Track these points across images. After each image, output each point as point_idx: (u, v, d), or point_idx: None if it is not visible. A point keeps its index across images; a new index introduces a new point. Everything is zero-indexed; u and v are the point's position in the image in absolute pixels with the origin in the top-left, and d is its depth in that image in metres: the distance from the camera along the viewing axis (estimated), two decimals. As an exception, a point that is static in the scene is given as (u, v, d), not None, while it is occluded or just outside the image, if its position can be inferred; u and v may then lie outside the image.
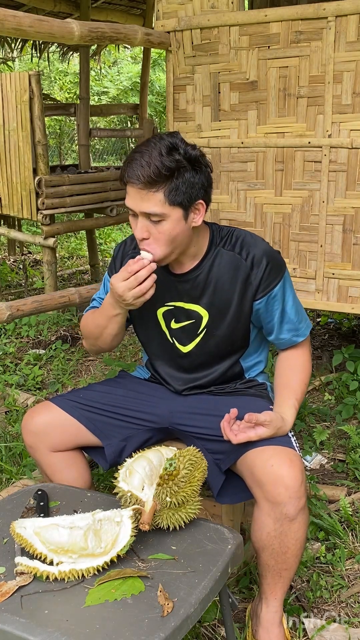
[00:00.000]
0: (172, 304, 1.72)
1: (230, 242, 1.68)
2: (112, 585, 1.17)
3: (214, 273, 1.67)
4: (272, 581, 1.57)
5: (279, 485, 1.45)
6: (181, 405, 1.77)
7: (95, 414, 1.73)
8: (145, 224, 1.53)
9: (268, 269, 1.65)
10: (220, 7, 2.96)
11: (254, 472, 1.51)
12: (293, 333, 1.71)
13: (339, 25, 2.67)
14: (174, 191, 1.49)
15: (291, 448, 1.54)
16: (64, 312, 4.50)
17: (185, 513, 1.35)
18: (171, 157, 1.48)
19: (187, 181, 1.50)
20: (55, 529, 1.25)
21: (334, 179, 2.81)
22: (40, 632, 1.06)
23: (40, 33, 2.44)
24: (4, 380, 3.39)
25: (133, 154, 1.51)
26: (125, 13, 6.94)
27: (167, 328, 1.75)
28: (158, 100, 14.43)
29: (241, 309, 1.68)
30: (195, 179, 1.53)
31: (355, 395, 3.04)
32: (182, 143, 1.53)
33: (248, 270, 1.64)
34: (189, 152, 1.52)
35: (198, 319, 1.71)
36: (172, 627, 1.08)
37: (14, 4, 5.86)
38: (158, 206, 1.49)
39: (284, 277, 1.68)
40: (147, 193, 1.48)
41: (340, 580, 1.94)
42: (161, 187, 1.48)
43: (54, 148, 14.26)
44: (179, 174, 1.49)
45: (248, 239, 1.68)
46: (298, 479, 1.46)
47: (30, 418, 1.72)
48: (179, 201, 1.51)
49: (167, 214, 1.51)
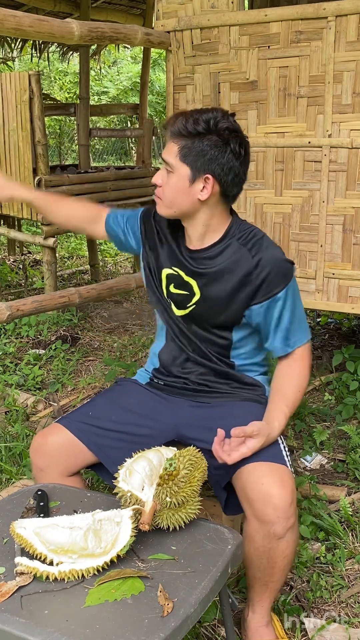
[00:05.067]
0: (176, 270, 1.78)
1: (245, 238, 1.70)
2: (112, 586, 1.17)
3: (219, 260, 1.70)
4: (260, 591, 1.60)
5: (267, 505, 1.45)
6: (184, 418, 1.76)
7: (103, 438, 1.70)
8: (163, 172, 1.66)
9: (272, 275, 1.65)
10: (220, 7, 2.96)
11: (245, 489, 1.51)
12: (284, 343, 1.69)
13: (339, 25, 2.67)
14: (186, 149, 1.59)
15: (283, 465, 1.54)
16: (64, 312, 4.50)
17: (185, 513, 1.34)
18: (205, 125, 1.58)
19: (204, 149, 1.59)
20: (55, 529, 1.25)
21: (334, 179, 2.81)
22: (40, 632, 1.06)
23: (40, 33, 2.44)
24: (4, 380, 3.39)
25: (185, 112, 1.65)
26: (125, 13, 6.94)
27: (166, 289, 1.81)
28: (158, 100, 14.44)
29: (231, 303, 1.69)
30: (210, 151, 1.59)
31: (355, 395, 3.04)
32: (225, 120, 1.60)
33: (251, 269, 1.65)
34: (224, 130, 1.59)
35: (190, 294, 1.75)
36: (172, 627, 1.08)
37: (14, 4, 5.86)
38: (171, 156, 1.62)
39: (288, 286, 1.67)
40: (171, 142, 1.62)
41: (340, 581, 1.94)
42: (182, 141, 1.60)
43: (54, 148, 14.26)
44: (201, 141, 1.58)
45: (264, 241, 1.70)
46: (287, 499, 1.45)
47: (42, 440, 1.69)
48: (190, 161, 1.60)
49: (176, 166, 1.62)
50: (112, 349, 4.05)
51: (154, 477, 1.36)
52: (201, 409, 1.78)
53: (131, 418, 1.76)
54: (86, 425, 1.71)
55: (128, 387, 1.90)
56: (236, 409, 1.73)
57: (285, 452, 1.61)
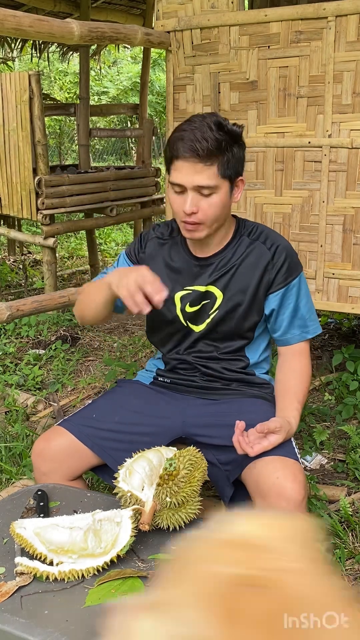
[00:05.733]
0: (191, 289, 1.75)
1: (254, 232, 1.73)
2: (112, 586, 1.17)
3: (236, 259, 1.71)
4: None
5: (281, 498, 1.46)
6: (192, 415, 1.75)
7: (107, 440, 1.69)
8: (196, 198, 1.56)
9: (288, 262, 1.69)
10: (220, 7, 2.96)
11: (259, 483, 1.51)
12: (302, 329, 1.74)
13: (339, 25, 2.67)
14: (226, 164, 1.55)
15: (296, 460, 1.55)
16: (64, 312, 4.50)
17: (185, 513, 1.34)
18: (221, 132, 1.53)
19: (235, 155, 1.57)
20: (55, 529, 1.25)
21: (334, 179, 2.82)
22: (40, 632, 1.06)
23: (40, 33, 2.44)
24: (4, 380, 3.39)
25: (181, 132, 1.54)
26: (125, 13, 6.94)
27: (182, 311, 1.77)
28: (158, 100, 14.44)
29: (255, 297, 1.71)
30: (240, 154, 1.60)
31: (355, 395, 3.04)
32: (225, 121, 1.58)
33: (269, 259, 1.69)
34: (234, 129, 1.58)
35: (212, 299, 1.74)
36: (172, 627, 1.07)
37: (14, 4, 5.86)
38: (212, 178, 1.54)
39: (301, 275, 1.73)
40: (202, 166, 1.52)
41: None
42: (216, 160, 1.53)
43: (54, 148, 14.26)
44: (230, 148, 1.55)
45: (272, 232, 1.75)
46: (300, 494, 1.47)
47: (45, 444, 1.67)
48: (229, 174, 1.57)
49: (219, 186, 1.56)
50: (112, 349, 4.05)
51: (154, 477, 1.36)
52: (209, 406, 1.77)
53: (135, 418, 1.75)
54: (90, 428, 1.69)
55: (131, 387, 1.88)
56: (245, 405, 1.73)
57: (296, 449, 1.62)
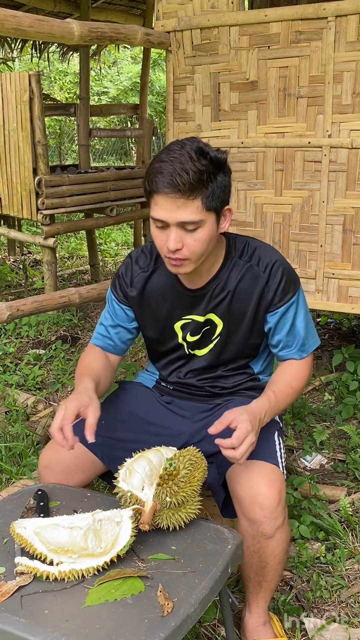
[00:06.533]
0: (189, 317, 1.69)
1: (247, 253, 1.64)
2: (112, 585, 1.17)
3: (231, 284, 1.63)
4: (254, 591, 1.60)
5: (254, 504, 1.45)
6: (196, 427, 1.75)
7: (115, 449, 1.67)
8: (179, 234, 1.45)
9: (284, 281, 1.62)
10: (220, 7, 2.96)
11: (235, 488, 1.51)
12: (300, 348, 1.68)
13: (339, 25, 2.67)
14: (211, 196, 1.43)
15: (274, 464, 1.53)
16: (64, 312, 4.50)
17: (185, 513, 1.34)
18: (204, 161, 1.41)
19: (220, 185, 1.46)
20: (55, 529, 1.25)
21: (334, 179, 2.81)
22: (40, 632, 1.06)
23: (40, 33, 2.44)
24: (4, 380, 3.39)
25: (160, 163, 1.42)
26: (125, 13, 6.94)
27: (184, 340, 1.72)
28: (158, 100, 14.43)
29: (255, 320, 1.66)
30: (225, 182, 1.48)
31: (355, 395, 3.04)
32: (207, 146, 1.47)
33: (265, 282, 1.61)
34: (218, 156, 1.46)
35: (213, 327, 1.69)
36: (172, 627, 1.08)
37: (14, 4, 5.86)
38: (196, 213, 1.43)
39: (299, 292, 1.66)
40: (185, 201, 1.40)
41: (340, 580, 1.94)
42: (199, 193, 1.41)
43: (54, 148, 14.26)
44: (214, 178, 1.44)
45: (264, 250, 1.65)
46: (275, 499, 1.45)
47: (54, 456, 1.62)
48: (214, 206, 1.46)
49: (204, 220, 1.45)
50: (112, 349, 4.04)
51: (154, 477, 1.36)
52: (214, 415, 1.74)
53: (142, 427, 1.74)
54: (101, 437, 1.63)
55: (135, 392, 1.85)
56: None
57: (280, 452, 1.60)
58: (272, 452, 1.57)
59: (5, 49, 7.94)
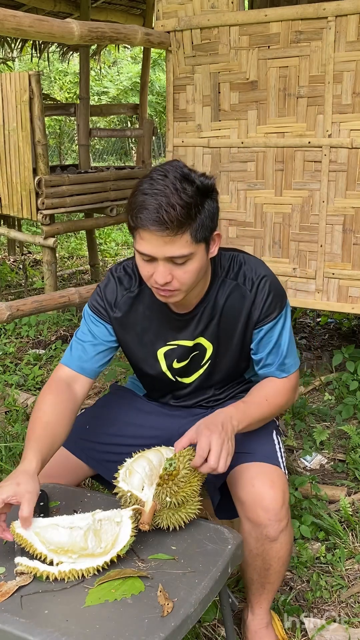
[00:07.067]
0: (175, 343, 1.62)
1: (233, 271, 1.57)
2: (112, 586, 1.17)
3: (219, 304, 1.57)
4: (257, 592, 1.59)
5: (258, 507, 1.44)
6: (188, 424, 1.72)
7: (103, 453, 1.67)
8: (167, 268, 1.37)
9: (270, 298, 1.55)
10: (220, 7, 2.96)
11: (237, 489, 1.50)
12: (277, 367, 1.60)
13: (339, 25, 2.67)
14: (200, 228, 1.36)
15: (276, 465, 1.51)
16: (64, 312, 4.50)
17: (185, 513, 1.34)
18: (188, 192, 1.32)
19: (209, 214, 1.38)
20: (55, 529, 1.25)
21: (334, 179, 2.82)
22: (40, 632, 1.06)
23: (40, 33, 2.44)
24: (4, 380, 3.39)
25: (143, 197, 1.32)
26: (125, 13, 6.95)
27: (169, 368, 1.65)
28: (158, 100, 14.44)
29: (244, 339, 1.60)
30: (213, 208, 1.40)
31: (355, 395, 3.04)
32: (193, 172, 1.37)
33: (252, 300, 1.55)
34: (204, 182, 1.37)
35: (202, 351, 1.63)
36: (172, 627, 1.08)
37: (14, 4, 5.86)
38: (185, 247, 1.35)
39: (285, 308, 1.59)
40: (173, 237, 1.32)
41: (340, 580, 1.94)
42: (187, 227, 1.33)
43: (54, 148, 14.27)
44: (202, 209, 1.35)
45: (251, 266, 1.58)
46: (278, 501, 1.44)
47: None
48: (204, 237, 1.39)
49: (194, 252, 1.37)
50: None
51: (154, 477, 1.36)
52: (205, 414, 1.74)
53: (130, 430, 1.73)
54: (84, 441, 1.67)
55: (125, 396, 1.83)
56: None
57: (280, 452, 1.59)
58: (272, 452, 1.56)
59: (5, 49, 7.94)
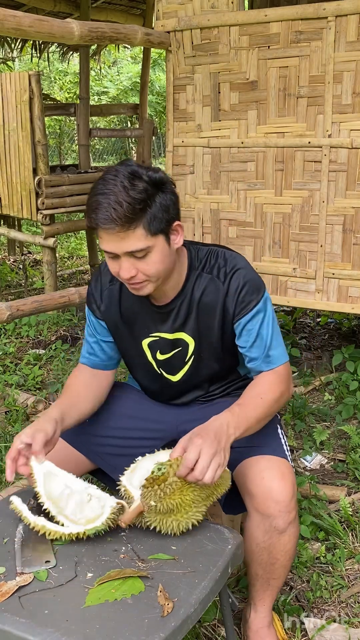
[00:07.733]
0: (157, 335, 1.65)
1: (209, 264, 1.60)
2: (112, 585, 1.18)
3: (195, 298, 1.60)
4: (261, 589, 1.59)
5: (268, 499, 1.45)
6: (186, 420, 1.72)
7: (103, 446, 1.68)
8: (130, 263, 1.44)
9: (245, 290, 1.56)
10: (220, 7, 2.96)
11: (246, 482, 1.51)
12: (263, 360, 1.58)
13: (339, 25, 2.67)
14: (153, 221, 1.40)
15: (284, 458, 1.53)
16: (64, 312, 4.50)
17: (176, 521, 1.30)
18: (137, 188, 1.37)
19: (162, 206, 1.42)
20: (55, 479, 1.35)
21: (334, 179, 2.82)
22: (40, 632, 1.06)
23: (40, 33, 2.44)
24: (4, 380, 3.39)
25: (95, 197, 1.39)
26: (125, 13, 6.95)
27: (154, 359, 1.68)
28: (158, 100, 14.43)
29: (224, 333, 1.62)
30: (167, 200, 1.44)
31: (355, 395, 3.04)
32: (142, 168, 1.42)
33: (225, 292, 1.57)
34: (153, 176, 1.42)
35: (184, 347, 1.65)
36: (172, 627, 1.08)
37: (14, 4, 5.86)
38: (141, 241, 1.41)
39: (263, 299, 1.59)
40: (125, 233, 1.39)
41: (340, 580, 1.94)
42: (139, 222, 1.39)
43: (54, 148, 14.26)
44: (152, 202, 1.40)
45: (226, 259, 1.60)
46: (289, 493, 1.45)
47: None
48: (160, 229, 1.43)
49: (151, 245, 1.43)
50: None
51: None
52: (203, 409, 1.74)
53: (129, 423, 1.74)
54: (84, 435, 1.68)
55: (123, 391, 1.85)
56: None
57: (285, 446, 1.60)
58: (279, 445, 1.58)
59: (5, 49, 7.94)
